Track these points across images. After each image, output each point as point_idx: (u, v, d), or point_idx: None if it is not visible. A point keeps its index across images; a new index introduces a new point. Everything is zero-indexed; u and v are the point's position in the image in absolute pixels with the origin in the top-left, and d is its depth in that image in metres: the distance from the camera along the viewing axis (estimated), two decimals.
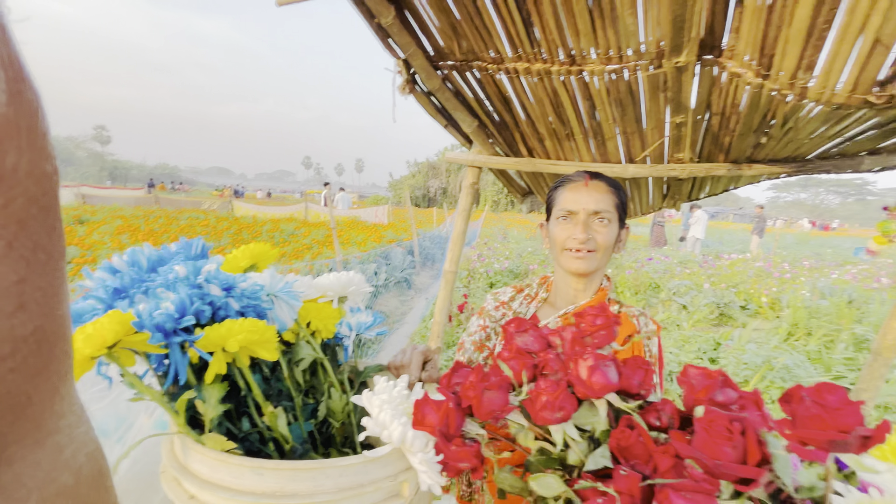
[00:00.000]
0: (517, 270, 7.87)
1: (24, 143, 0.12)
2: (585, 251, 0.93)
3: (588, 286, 0.99)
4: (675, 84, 1.13)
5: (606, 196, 0.97)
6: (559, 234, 0.98)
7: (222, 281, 0.48)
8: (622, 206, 0.99)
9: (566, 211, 0.98)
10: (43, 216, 0.13)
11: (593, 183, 0.98)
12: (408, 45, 1.19)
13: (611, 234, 0.95)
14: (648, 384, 0.42)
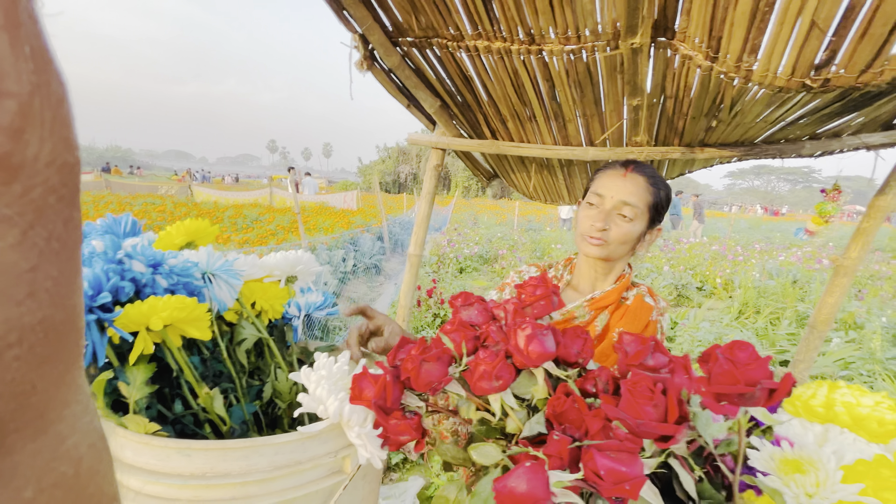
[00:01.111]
0: (487, 256, 7.95)
1: (46, 134, 0.13)
2: (599, 238, 0.94)
3: (609, 272, 1.01)
4: (631, 66, 1.14)
5: (641, 192, 0.95)
6: (583, 218, 0.98)
7: (148, 257, 0.45)
8: (656, 207, 0.97)
9: (596, 194, 0.97)
10: (61, 206, 0.13)
11: (632, 175, 0.96)
12: (364, 18, 1.15)
13: (630, 231, 0.95)
14: (587, 353, 0.43)
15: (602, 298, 1.01)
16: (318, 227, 7.13)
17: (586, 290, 1.06)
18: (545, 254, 8.45)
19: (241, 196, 13.04)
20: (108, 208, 7.68)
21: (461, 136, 1.76)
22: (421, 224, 1.87)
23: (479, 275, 7.08)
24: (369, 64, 1.31)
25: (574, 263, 1.12)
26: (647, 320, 1.00)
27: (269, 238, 5.72)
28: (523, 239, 9.33)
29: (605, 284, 1.04)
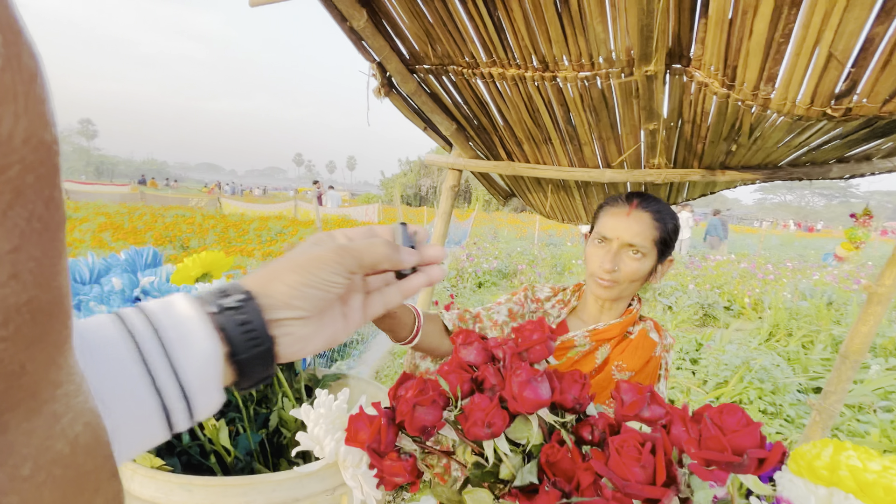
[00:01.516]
0: (506, 270, 7.91)
1: (20, 109, 0.12)
2: (609, 280, 0.94)
3: (615, 307, 1.01)
4: (646, 92, 1.14)
5: (646, 230, 0.95)
6: (591, 257, 0.99)
7: (163, 293, 0.47)
8: (664, 241, 0.97)
9: (601, 236, 0.98)
10: (40, 185, 0.13)
11: (636, 213, 0.96)
12: (382, 48, 1.19)
13: (640, 269, 0.95)
14: (584, 398, 0.43)
15: (605, 331, 1.00)
16: None
17: (590, 319, 1.06)
18: (565, 269, 8.34)
19: (267, 208, 13.42)
20: (141, 219, 8.03)
21: (477, 158, 1.78)
22: (437, 243, 1.89)
23: (497, 290, 7.03)
24: (387, 90, 1.35)
25: (583, 290, 1.12)
26: (649, 356, 0.98)
27: None
28: (543, 254, 9.24)
29: (609, 317, 1.03)
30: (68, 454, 0.15)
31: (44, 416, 0.14)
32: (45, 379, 0.14)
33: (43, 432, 0.14)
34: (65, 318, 0.15)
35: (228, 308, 0.32)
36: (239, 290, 0.33)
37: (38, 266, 0.13)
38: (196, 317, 0.31)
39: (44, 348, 0.14)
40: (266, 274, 0.34)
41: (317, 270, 0.33)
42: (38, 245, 0.13)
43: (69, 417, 0.15)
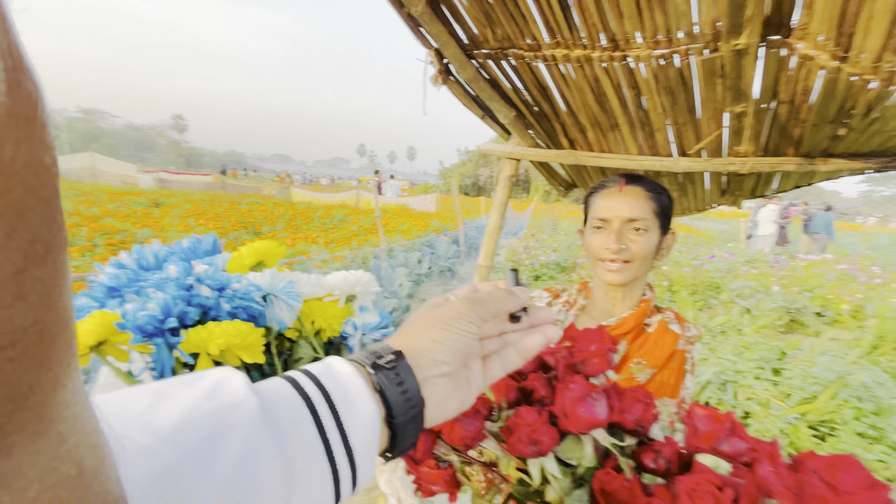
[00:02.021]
0: (565, 264, 7.64)
1: (22, 134, 0.12)
2: (620, 261, 0.87)
3: (627, 296, 0.93)
4: (734, 69, 1.01)
5: (643, 202, 0.89)
6: (593, 242, 0.93)
7: (215, 281, 0.48)
8: (663, 212, 0.91)
9: (599, 219, 0.92)
10: (42, 207, 0.13)
11: (628, 188, 0.91)
12: (440, 34, 1.16)
13: (648, 243, 0.88)
14: (648, 420, 0.37)
15: (618, 325, 0.92)
16: (397, 228, 7.42)
17: (601, 316, 0.97)
18: None
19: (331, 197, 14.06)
20: (221, 207, 8.75)
21: (537, 146, 1.69)
22: (492, 235, 1.84)
23: (554, 283, 6.82)
24: (444, 78, 1.31)
25: (589, 288, 1.03)
26: (671, 350, 0.87)
27: (353, 238, 6.08)
28: None
29: (622, 310, 0.94)
30: (75, 476, 0.15)
31: (50, 438, 0.14)
32: (53, 400, 0.14)
33: (49, 454, 0.14)
34: (70, 339, 0.15)
35: (384, 367, 0.32)
36: (387, 349, 0.33)
37: (42, 287, 0.13)
38: (356, 377, 0.31)
39: (50, 368, 0.14)
40: (408, 333, 0.35)
41: (455, 322, 0.34)
42: (42, 266, 0.13)
43: (75, 439, 0.15)
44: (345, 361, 0.32)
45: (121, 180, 15.51)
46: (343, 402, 0.30)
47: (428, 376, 0.33)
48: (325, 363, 0.32)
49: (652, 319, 0.92)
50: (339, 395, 0.30)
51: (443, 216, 10.38)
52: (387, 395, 0.31)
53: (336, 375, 0.31)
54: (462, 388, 0.35)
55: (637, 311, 0.90)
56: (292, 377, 0.30)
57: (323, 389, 0.30)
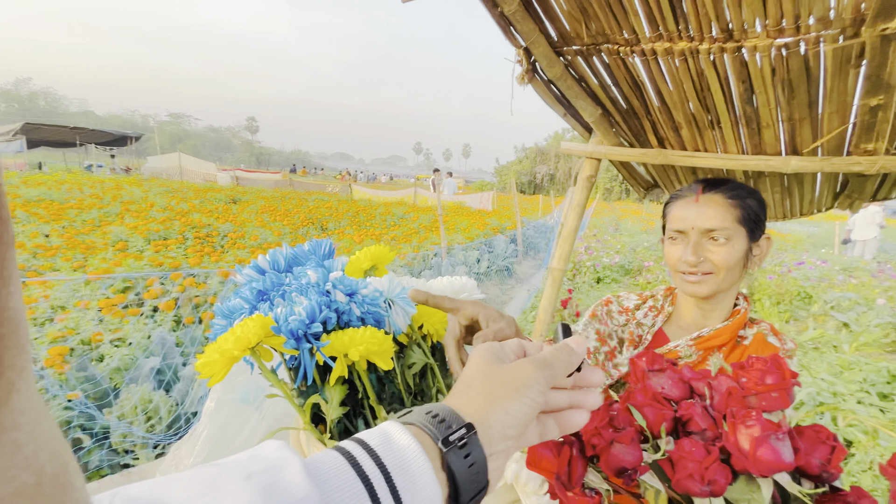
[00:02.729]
0: (629, 266, 7.27)
1: None
2: (700, 273, 0.81)
3: (718, 308, 0.87)
4: (876, 57, 0.88)
5: (723, 211, 0.82)
6: (671, 254, 0.87)
7: (346, 286, 0.50)
8: (750, 218, 0.83)
9: (675, 230, 0.86)
10: None
11: (706, 197, 0.84)
12: (531, 32, 1.13)
13: (731, 254, 0.80)
14: (836, 465, 0.33)
15: (711, 337, 0.84)
16: (455, 227, 7.46)
17: (690, 326, 0.91)
18: None
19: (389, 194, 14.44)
20: (290, 203, 9.29)
21: (620, 145, 1.61)
22: (567, 238, 1.78)
23: (618, 286, 6.52)
24: (530, 77, 1.28)
25: (676, 294, 0.96)
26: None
27: (413, 236, 6.19)
28: None
29: (714, 321, 0.87)
30: (34, 484, 0.14)
31: (4, 445, 0.13)
32: (6, 406, 0.14)
33: (4, 462, 0.13)
34: (21, 341, 0.14)
35: (456, 445, 0.29)
36: (457, 419, 0.31)
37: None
38: (419, 453, 0.28)
39: (2, 373, 0.13)
40: (479, 398, 0.32)
41: (526, 390, 0.32)
42: None
43: (33, 447, 0.14)
44: (405, 431, 0.29)
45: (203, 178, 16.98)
46: (405, 485, 0.27)
47: (495, 451, 0.31)
48: (384, 432, 0.29)
49: (747, 332, 0.84)
50: (401, 477, 0.27)
51: (500, 214, 10.28)
52: (456, 475, 0.29)
53: (396, 450, 0.28)
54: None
55: (732, 323, 0.83)
56: (350, 453, 0.28)
57: (383, 469, 0.27)
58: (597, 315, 0.99)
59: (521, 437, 0.34)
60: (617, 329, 0.96)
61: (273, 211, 7.59)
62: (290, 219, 6.79)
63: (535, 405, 0.32)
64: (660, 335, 0.95)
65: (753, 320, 0.90)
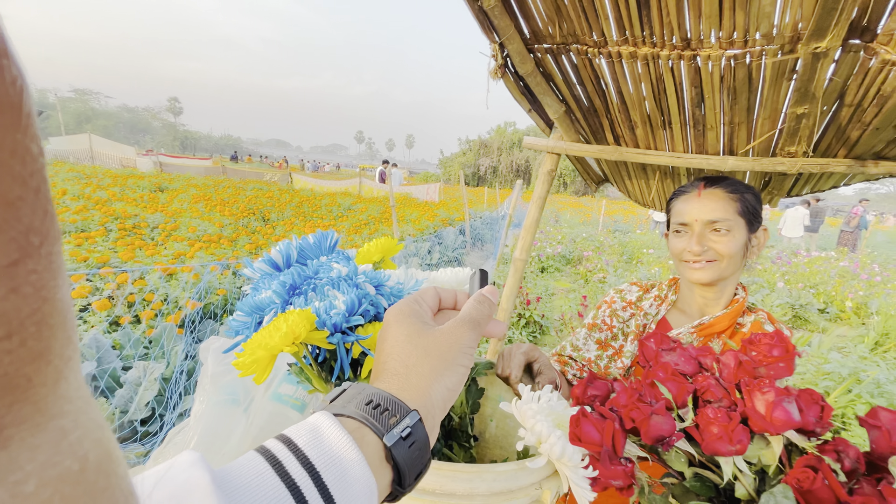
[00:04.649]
0: (570, 256, 7.68)
1: (7, 122, 0.12)
2: (704, 261, 0.89)
3: (719, 296, 0.94)
4: (806, 71, 1.01)
5: (724, 204, 0.90)
6: (675, 245, 0.94)
7: (372, 279, 0.49)
8: (749, 210, 0.92)
9: (680, 223, 0.94)
10: (33, 198, 0.13)
11: (708, 192, 0.92)
12: (507, 27, 1.15)
13: (733, 243, 0.89)
14: (826, 421, 0.39)
15: (712, 324, 0.93)
16: (405, 218, 7.41)
17: (694, 314, 0.99)
18: (633, 259, 7.93)
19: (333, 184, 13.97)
20: (226, 191, 8.68)
21: (580, 142, 1.70)
22: (529, 229, 1.85)
23: (561, 275, 6.87)
24: (503, 72, 1.31)
25: (679, 284, 1.05)
26: None
27: (363, 228, 6.07)
28: (610, 241, 8.84)
29: (715, 309, 0.95)
30: (77, 471, 0.15)
31: (50, 432, 0.14)
32: (54, 393, 0.14)
33: (50, 448, 0.14)
34: (69, 331, 0.15)
35: (400, 437, 0.29)
36: (402, 408, 0.30)
37: (39, 279, 0.13)
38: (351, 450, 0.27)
39: (50, 361, 0.14)
40: (422, 378, 0.31)
41: (461, 357, 0.33)
42: (37, 259, 0.13)
43: (78, 434, 0.15)
44: (336, 425, 0.28)
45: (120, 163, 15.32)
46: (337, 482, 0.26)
47: (434, 425, 0.31)
48: (314, 428, 0.27)
49: (745, 319, 0.94)
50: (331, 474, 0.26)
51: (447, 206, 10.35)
52: (399, 463, 0.28)
53: (326, 446, 0.27)
54: None
55: (731, 310, 0.92)
56: (274, 455, 0.26)
57: (311, 468, 0.25)
58: (596, 324, 1.04)
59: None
60: (622, 326, 1.01)
61: (208, 200, 7.06)
62: (228, 209, 6.36)
63: (467, 371, 0.33)
64: (663, 323, 1.01)
65: (751, 308, 0.96)
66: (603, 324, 1.02)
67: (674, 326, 0.99)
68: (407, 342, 0.33)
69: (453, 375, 0.32)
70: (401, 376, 0.32)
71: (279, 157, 47.32)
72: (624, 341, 1.00)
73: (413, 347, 0.33)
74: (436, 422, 0.31)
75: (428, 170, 56.17)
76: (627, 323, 1.01)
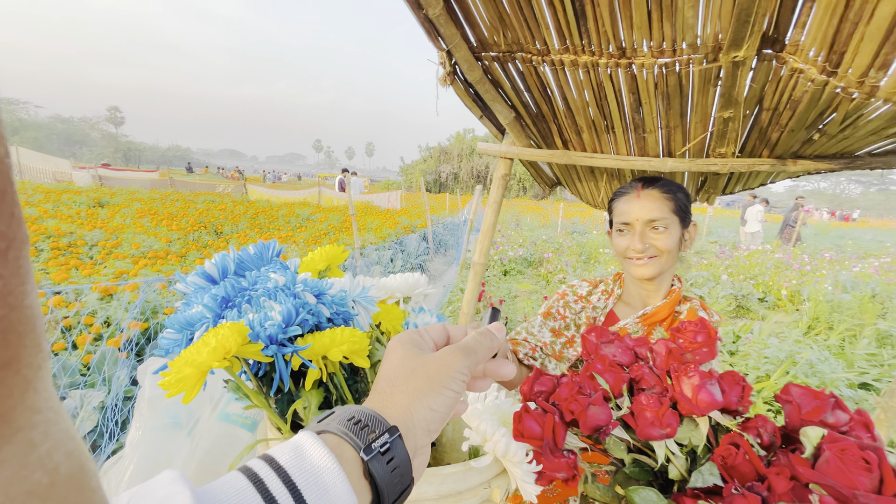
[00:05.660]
0: (531, 259, 7.85)
1: None
2: (646, 258, 0.95)
3: (659, 287, 1.02)
4: (728, 78, 1.10)
5: (660, 203, 0.98)
6: (619, 244, 1.01)
7: (313, 288, 0.49)
8: (681, 208, 1.00)
9: (622, 223, 1.00)
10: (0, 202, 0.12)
11: (645, 192, 1.00)
12: (453, 36, 1.17)
13: (670, 239, 0.96)
14: (747, 400, 0.42)
15: (654, 314, 1.01)
16: (366, 226, 7.32)
17: (637, 305, 1.07)
18: (591, 258, 8.23)
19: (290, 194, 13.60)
20: (174, 205, 8.24)
21: (531, 146, 1.75)
22: (486, 233, 1.88)
23: (523, 278, 7.00)
24: (451, 79, 1.33)
25: (623, 279, 1.12)
26: None
27: (323, 237, 5.93)
28: (569, 242, 9.13)
29: (656, 299, 1.04)
30: (47, 485, 0.14)
31: (17, 444, 0.13)
32: (21, 404, 0.13)
33: (17, 462, 0.13)
34: (38, 340, 0.14)
35: (378, 451, 0.28)
36: (380, 423, 0.30)
37: (5, 285, 0.13)
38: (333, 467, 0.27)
39: (17, 371, 0.13)
40: (402, 397, 0.31)
41: (449, 382, 0.32)
42: (3, 265, 0.13)
43: (47, 446, 0.14)
44: (318, 443, 0.28)
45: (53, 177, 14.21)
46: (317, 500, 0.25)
47: (418, 447, 0.31)
48: (297, 446, 0.27)
49: (682, 307, 1.00)
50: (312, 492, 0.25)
51: (409, 213, 10.33)
52: (378, 481, 0.28)
53: (308, 464, 0.27)
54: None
55: (670, 300, 0.98)
56: (256, 473, 0.26)
57: (292, 486, 0.25)
58: (550, 313, 1.08)
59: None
60: (574, 318, 1.06)
61: (154, 214, 6.67)
62: (176, 223, 6.03)
63: (457, 396, 0.33)
64: (611, 315, 1.09)
65: (686, 297, 1.05)
66: (557, 313, 1.07)
67: (620, 318, 1.06)
68: (399, 365, 0.33)
69: (438, 397, 0.32)
70: (386, 394, 0.32)
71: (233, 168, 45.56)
72: (576, 332, 1.05)
73: (403, 369, 0.33)
74: (418, 442, 0.31)
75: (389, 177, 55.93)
76: (579, 315, 1.07)
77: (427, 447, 0.33)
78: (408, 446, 0.30)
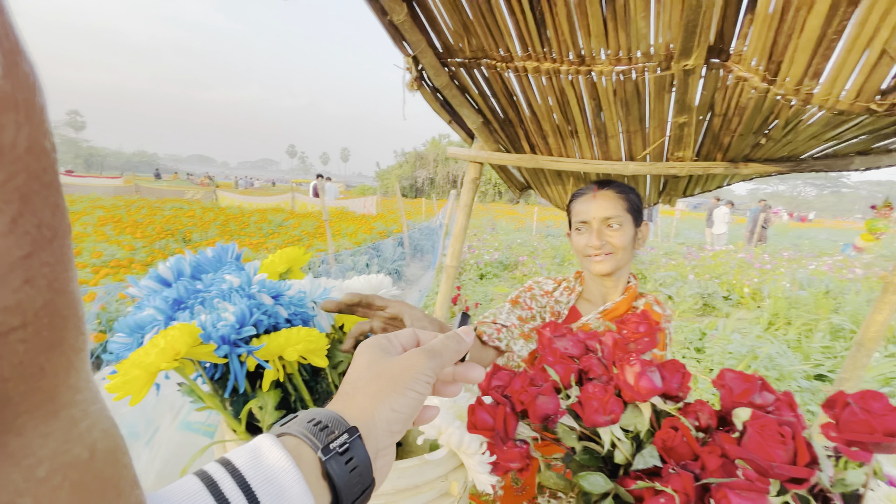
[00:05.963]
0: (507, 262, 7.94)
1: (22, 118, 0.12)
2: (603, 254, 0.99)
3: (617, 284, 1.07)
4: (681, 86, 1.15)
5: (615, 202, 1.03)
6: (578, 242, 1.05)
7: (270, 290, 0.49)
8: (634, 208, 1.05)
9: (580, 222, 1.05)
10: (45, 192, 0.13)
11: (602, 193, 1.05)
12: (418, 42, 1.19)
13: (625, 236, 1.00)
14: (686, 386, 0.45)
15: (613, 309, 1.07)
16: (341, 232, 7.24)
17: (598, 301, 1.13)
18: (565, 260, 8.39)
19: (263, 201, 13.32)
20: (140, 213, 7.95)
21: (499, 150, 1.78)
22: (458, 236, 1.90)
23: (499, 281, 7.07)
24: (419, 84, 1.35)
25: (583, 276, 1.17)
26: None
27: (296, 243, 5.83)
28: (543, 245, 9.28)
29: (614, 295, 1.10)
30: (86, 459, 0.15)
31: (61, 420, 0.14)
32: (65, 383, 0.14)
33: (60, 436, 0.14)
34: (79, 323, 0.15)
35: (336, 452, 0.28)
36: (340, 424, 0.30)
37: (51, 272, 0.13)
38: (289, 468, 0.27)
39: (62, 352, 0.14)
40: (364, 398, 0.32)
41: (412, 383, 0.32)
42: (49, 252, 0.13)
43: (87, 423, 0.15)
44: (276, 445, 0.28)
45: None
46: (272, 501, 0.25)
47: (380, 448, 0.31)
48: (254, 448, 0.27)
49: (638, 302, 1.04)
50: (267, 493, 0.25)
51: (385, 218, 10.28)
52: (336, 481, 0.28)
53: (264, 466, 0.26)
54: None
55: (628, 296, 1.02)
56: (210, 476, 0.26)
57: (246, 488, 0.25)
58: (518, 302, 1.11)
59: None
60: (539, 310, 1.09)
61: (118, 222, 6.40)
62: (141, 231, 5.81)
63: (420, 398, 0.33)
64: (573, 311, 1.13)
65: (642, 294, 1.12)
66: (524, 303, 1.11)
67: (582, 314, 1.11)
68: (364, 368, 0.33)
69: (401, 398, 0.32)
70: (348, 396, 0.32)
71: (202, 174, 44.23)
72: (541, 323, 1.09)
73: (367, 372, 0.33)
74: (380, 443, 0.31)
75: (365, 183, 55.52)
76: (544, 308, 1.10)
77: (391, 448, 0.33)
78: (368, 447, 0.30)
